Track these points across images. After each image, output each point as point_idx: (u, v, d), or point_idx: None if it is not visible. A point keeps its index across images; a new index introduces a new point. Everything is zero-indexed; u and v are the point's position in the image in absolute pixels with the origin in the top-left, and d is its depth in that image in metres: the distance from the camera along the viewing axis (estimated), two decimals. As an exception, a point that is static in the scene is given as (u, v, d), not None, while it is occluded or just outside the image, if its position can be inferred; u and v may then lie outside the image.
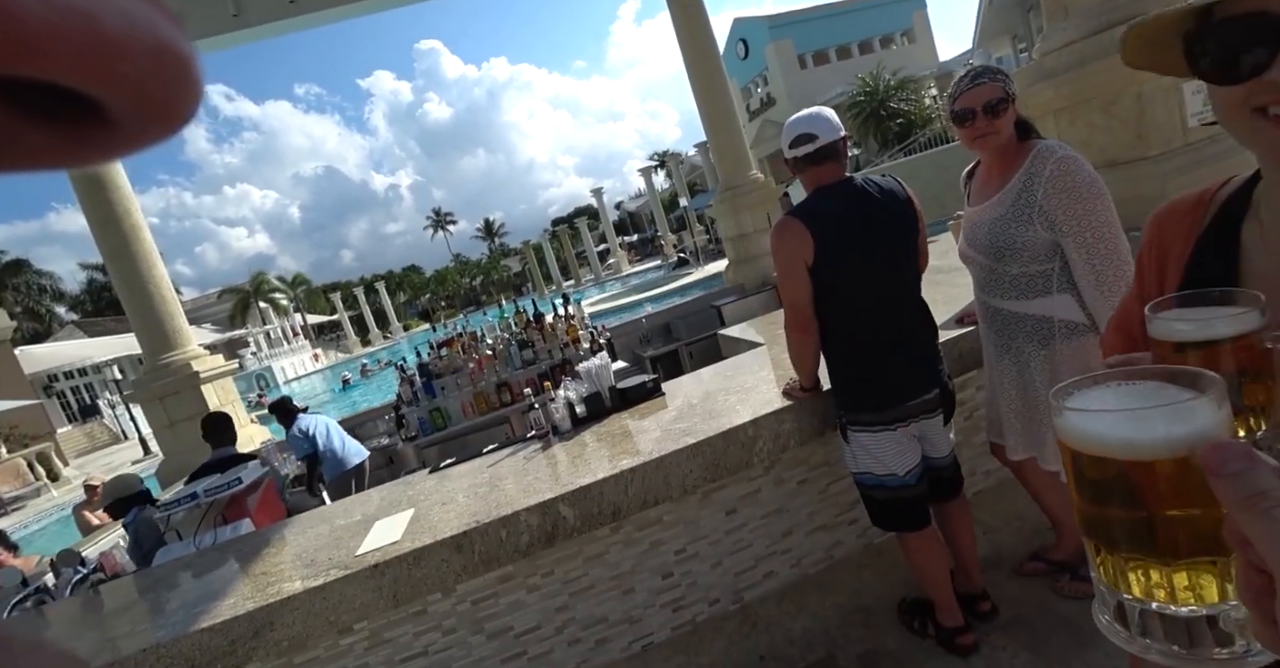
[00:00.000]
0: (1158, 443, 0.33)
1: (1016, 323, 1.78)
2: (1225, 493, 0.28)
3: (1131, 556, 0.37)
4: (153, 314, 7.12)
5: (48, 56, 0.10)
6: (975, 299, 1.95)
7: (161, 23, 0.11)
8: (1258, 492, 0.27)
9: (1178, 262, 0.68)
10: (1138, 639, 0.37)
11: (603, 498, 1.87)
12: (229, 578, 1.98)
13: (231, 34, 7.35)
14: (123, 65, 0.10)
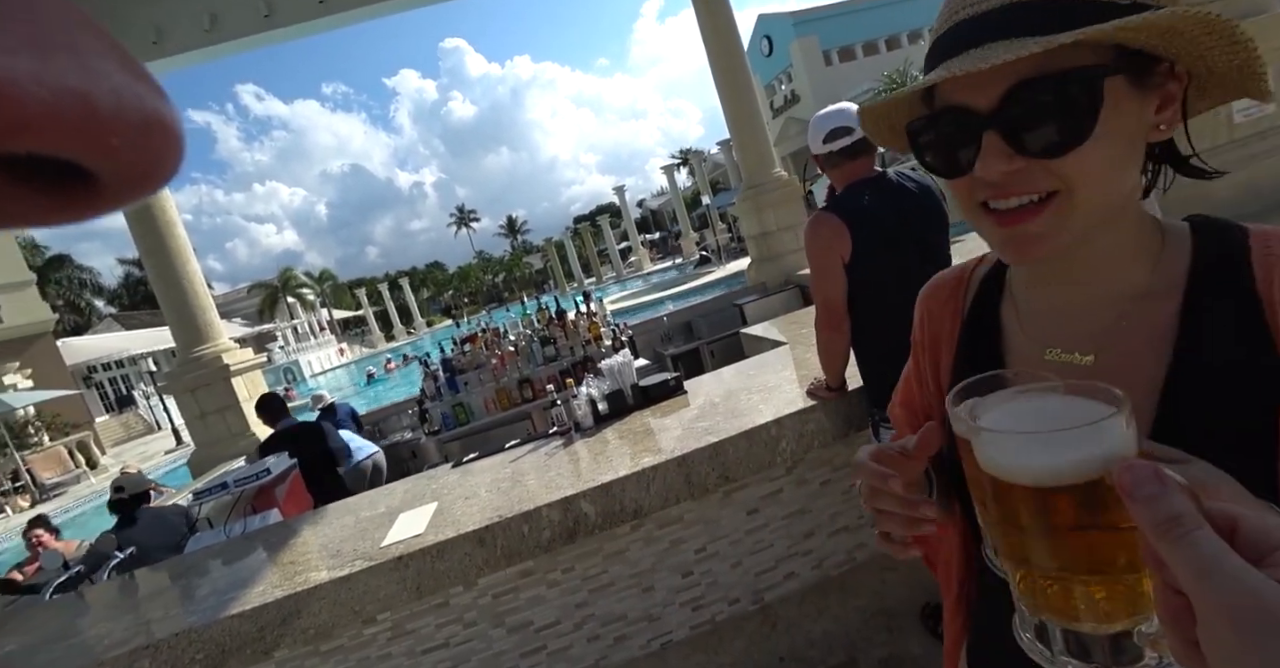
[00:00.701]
0: (1073, 467, 0.33)
1: None
2: (1139, 517, 0.29)
3: (1049, 575, 0.36)
4: (186, 308, 7.31)
5: (46, 133, 0.11)
6: None
7: (148, 95, 0.12)
8: (1170, 517, 0.28)
9: (949, 341, 0.68)
10: (1059, 658, 0.37)
11: (624, 495, 1.87)
12: (258, 567, 2.03)
13: (263, 34, 7.49)
14: (114, 139, 0.11)
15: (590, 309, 4.34)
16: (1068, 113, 0.47)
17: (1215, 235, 0.53)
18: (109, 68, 0.12)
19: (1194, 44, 0.46)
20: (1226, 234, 0.52)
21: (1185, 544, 0.27)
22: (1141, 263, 0.54)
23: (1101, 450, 0.32)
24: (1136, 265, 0.54)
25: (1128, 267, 0.55)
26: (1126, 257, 0.55)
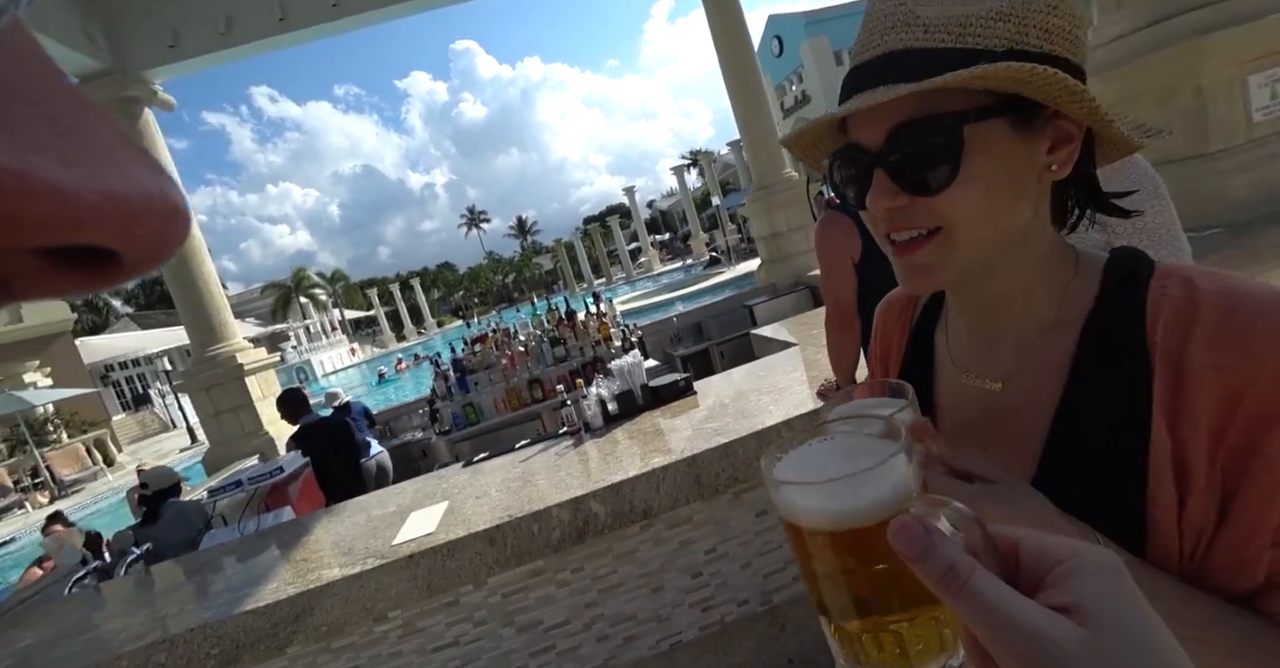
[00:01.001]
0: (866, 511, 0.33)
1: None
2: (919, 574, 0.29)
3: (860, 619, 0.36)
4: (201, 308, 7.40)
5: (93, 230, 0.13)
6: None
7: (167, 188, 0.15)
8: (946, 569, 0.28)
9: (896, 357, 0.72)
10: None
11: (634, 496, 1.87)
12: (271, 564, 2.05)
13: (277, 37, 7.57)
14: (141, 230, 0.14)
15: (600, 310, 4.35)
16: (935, 155, 0.50)
17: (1123, 270, 0.53)
18: (141, 172, 0.14)
19: (1043, 93, 0.48)
20: (1134, 269, 0.53)
21: (963, 597, 0.27)
22: (1049, 296, 0.56)
23: (891, 490, 0.33)
24: (1044, 298, 0.56)
25: (1035, 299, 0.57)
26: (1033, 290, 0.56)
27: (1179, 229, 1.52)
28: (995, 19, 0.49)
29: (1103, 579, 0.27)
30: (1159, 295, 0.49)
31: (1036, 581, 0.28)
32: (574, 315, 4.28)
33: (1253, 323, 0.44)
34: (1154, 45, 3.29)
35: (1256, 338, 0.44)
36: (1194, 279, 0.48)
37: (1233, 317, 0.45)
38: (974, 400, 0.61)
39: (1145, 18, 3.41)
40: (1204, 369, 0.45)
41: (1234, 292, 0.46)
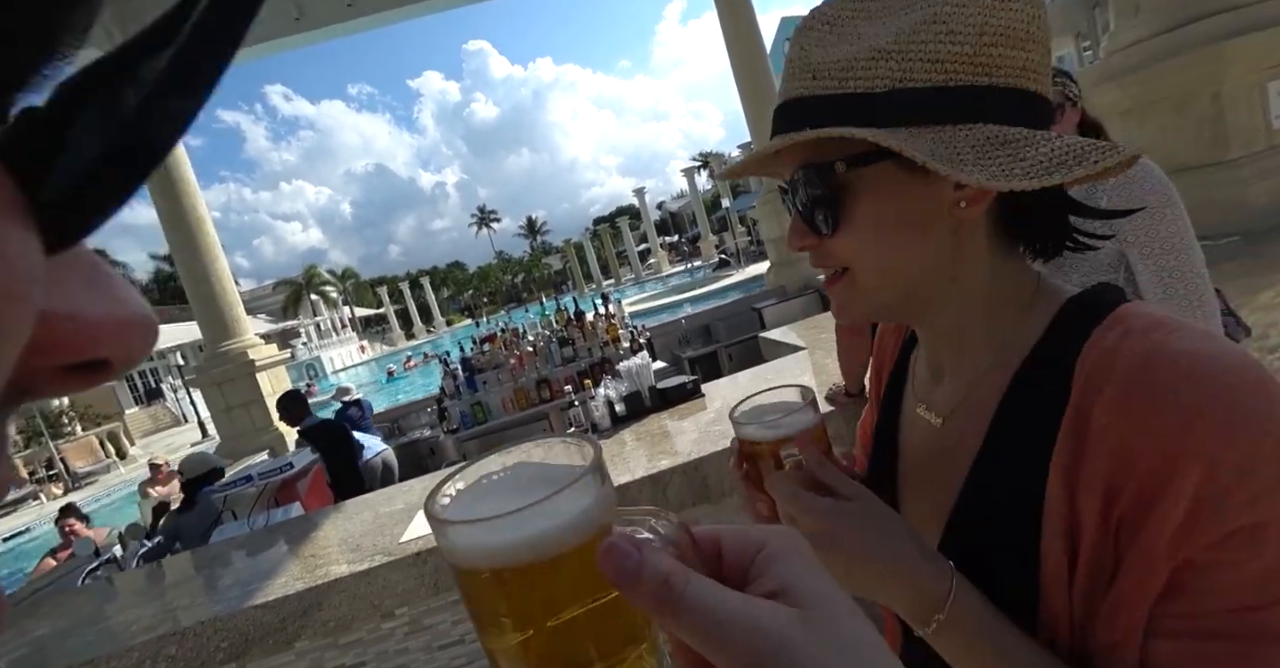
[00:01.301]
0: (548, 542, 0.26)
1: None
2: (632, 596, 0.25)
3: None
4: (214, 304, 7.47)
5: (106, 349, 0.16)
6: None
7: (148, 307, 0.18)
8: (661, 582, 0.24)
9: (887, 373, 0.73)
10: None
11: (640, 498, 1.88)
12: (280, 559, 2.07)
13: (293, 37, 7.64)
14: (135, 343, 0.17)
15: (609, 311, 4.36)
16: (820, 201, 0.51)
17: (1074, 313, 0.51)
18: (130, 294, 0.17)
19: (860, 148, 0.48)
20: (1087, 312, 0.49)
21: (682, 608, 0.24)
22: (990, 335, 0.54)
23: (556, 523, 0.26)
24: (984, 337, 0.55)
25: (975, 337, 0.55)
26: (972, 328, 0.55)
27: (1192, 237, 1.50)
28: (875, 59, 0.47)
29: (798, 558, 0.27)
30: (1093, 345, 0.46)
31: (743, 574, 0.28)
32: (583, 316, 4.29)
33: (1158, 390, 0.41)
34: (1171, 51, 3.25)
35: (1157, 407, 0.40)
36: (1133, 332, 0.45)
37: (1143, 379, 0.42)
38: (921, 433, 0.61)
39: (1163, 23, 3.37)
40: (1104, 431, 0.43)
41: (1157, 352, 0.42)
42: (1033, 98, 0.48)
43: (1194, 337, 0.43)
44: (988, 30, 0.46)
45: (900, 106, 0.47)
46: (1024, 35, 0.47)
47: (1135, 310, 0.47)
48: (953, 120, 0.47)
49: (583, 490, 0.27)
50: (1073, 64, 18.15)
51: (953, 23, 0.46)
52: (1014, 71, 0.47)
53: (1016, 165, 0.46)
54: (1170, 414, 0.40)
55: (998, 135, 0.46)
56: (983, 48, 0.46)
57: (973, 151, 0.46)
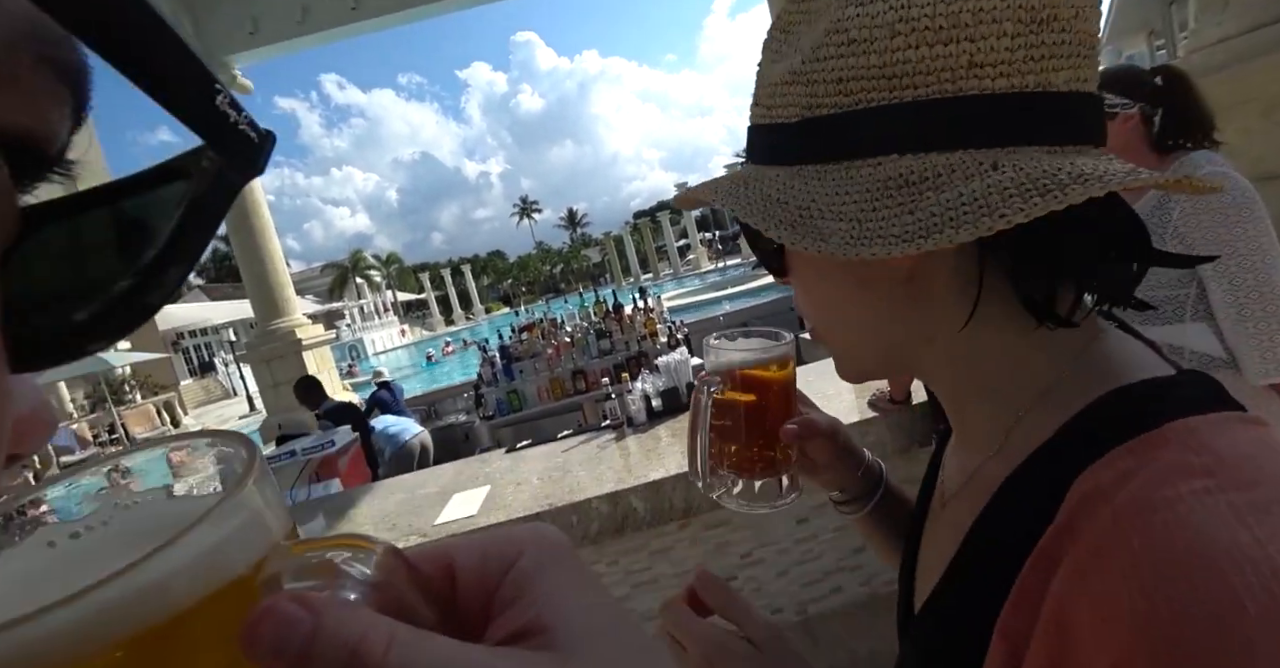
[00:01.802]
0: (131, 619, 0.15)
1: None
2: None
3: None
4: (265, 283, 7.74)
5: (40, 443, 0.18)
6: None
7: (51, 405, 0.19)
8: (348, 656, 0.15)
9: None
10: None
11: (674, 494, 1.86)
12: (319, 532, 2.12)
13: (349, 26, 7.83)
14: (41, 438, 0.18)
15: (647, 305, 4.34)
16: (763, 251, 0.47)
17: (1105, 416, 0.36)
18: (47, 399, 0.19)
19: None
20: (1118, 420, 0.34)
21: None
22: (993, 418, 0.42)
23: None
24: (987, 420, 0.43)
25: (975, 417, 0.45)
26: (968, 406, 0.45)
27: (1276, 252, 1.39)
28: (786, 83, 0.39)
29: (560, 573, 0.19)
30: (1092, 474, 0.33)
31: (488, 602, 0.19)
32: (621, 309, 4.29)
33: (1134, 587, 0.27)
34: (1260, 50, 3.04)
35: (1124, 610, 0.27)
36: (1153, 477, 0.30)
37: (1110, 547, 0.29)
38: (937, 502, 0.52)
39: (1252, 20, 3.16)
40: (1055, 607, 0.31)
41: (1164, 525, 0.28)
42: (991, 102, 0.35)
43: (1254, 510, 0.27)
44: (902, 29, 0.35)
45: (808, 139, 0.39)
46: (968, 18, 0.34)
47: (1196, 435, 0.31)
48: (862, 153, 0.37)
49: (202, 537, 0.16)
50: (1145, 62, 17.21)
51: (854, 29, 0.36)
52: (952, 74, 0.35)
53: (895, 222, 0.35)
54: (1138, 635, 0.26)
55: (905, 173, 0.36)
56: (894, 54, 0.35)
57: (859, 201, 0.36)
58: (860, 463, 0.64)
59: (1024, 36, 0.34)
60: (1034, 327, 0.39)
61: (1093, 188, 0.32)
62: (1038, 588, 0.32)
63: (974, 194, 0.33)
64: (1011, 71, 0.35)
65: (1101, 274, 0.40)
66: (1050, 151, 0.35)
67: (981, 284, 0.38)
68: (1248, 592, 0.24)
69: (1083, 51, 0.36)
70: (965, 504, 0.43)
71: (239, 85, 8.05)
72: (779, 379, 0.59)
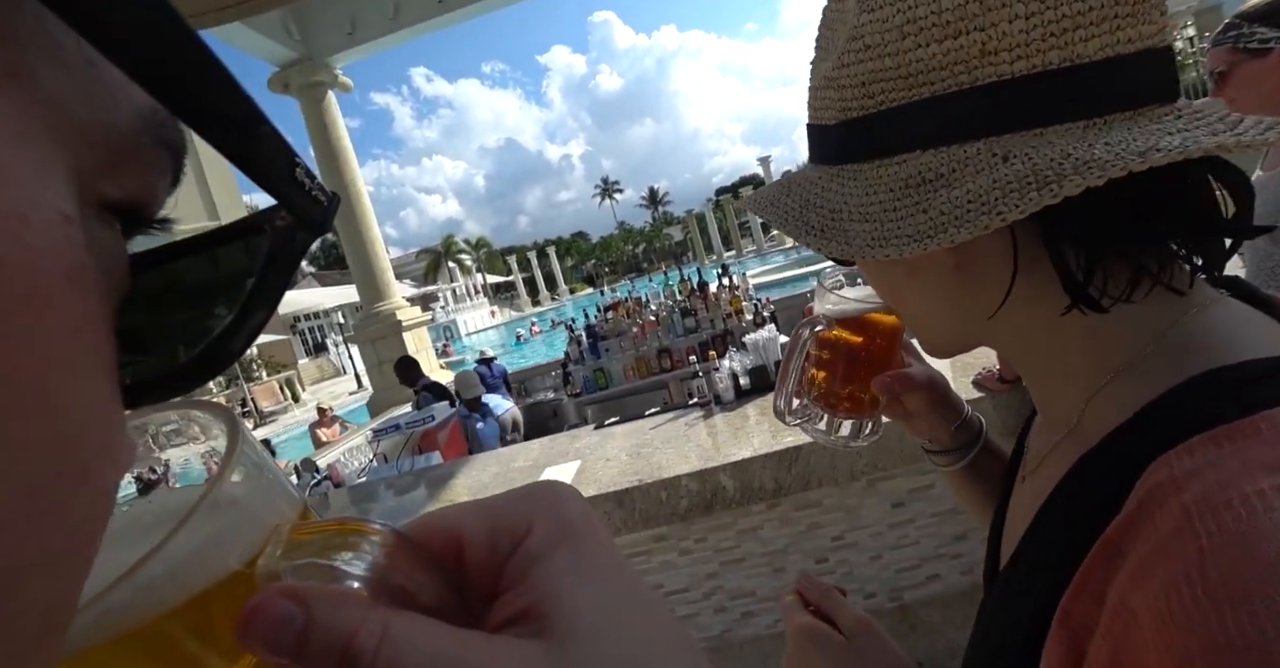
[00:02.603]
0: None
1: None
2: None
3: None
4: (368, 269, 8.29)
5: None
6: None
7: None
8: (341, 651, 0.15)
9: None
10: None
11: (764, 473, 1.83)
12: (420, 502, 2.27)
13: (437, 18, 8.10)
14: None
15: (732, 282, 4.27)
16: None
17: (1187, 403, 0.33)
18: None
19: None
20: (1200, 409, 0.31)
21: None
22: (1068, 396, 0.41)
23: None
24: (1061, 397, 0.42)
25: (1050, 394, 0.44)
26: (1043, 383, 0.44)
27: None
28: (821, 87, 0.40)
29: (569, 552, 0.18)
30: (1162, 465, 0.30)
31: (495, 579, 0.19)
32: (706, 287, 4.24)
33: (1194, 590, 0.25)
34: None
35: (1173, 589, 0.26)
36: (1223, 473, 0.28)
37: (1177, 546, 0.27)
38: (1020, 475, 0.51)
39: None
40: (1118, 604, 0.29)
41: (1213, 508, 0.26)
42: (1010, 88, 0.34)
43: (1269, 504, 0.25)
44: (910, 30, 0.35)
45: (844, 140, 0.40)
46: (976, 8, 0.33)
47: (1275, 429, 0.28)
48: (888, 152, 0.38)
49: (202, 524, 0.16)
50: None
51: (868, 35, 0.36)
52: (966, 66, 0.34)
53: (909, 222, 0.36)
54: (1196, 641, 0.24)
55: (923, 171, 0.36)
56: (906, 54, 0.35)
57: (883, 201, 0.37)
58: (958, 416, 0.62)
59: (1039, 14, 0.33)
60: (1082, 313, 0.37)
61: (1091, 177, 0.30)
62: (1102, 579, 0.31)
63: (979, 190, 0.34)
64: (1030, 52, 0.33)
65: (1162, 248, 0.36)
66: (1090, 125, 0.33)
67: (1016, 266, 0.37)
68: None
69: (1122, 12, 0.33)
70: (1042, 481, 0.42)
71: (340, 84, 8.56)
72: (883, 326, 0.58)
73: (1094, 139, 0.32)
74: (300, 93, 8.14)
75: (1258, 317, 0.37)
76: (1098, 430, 0.37)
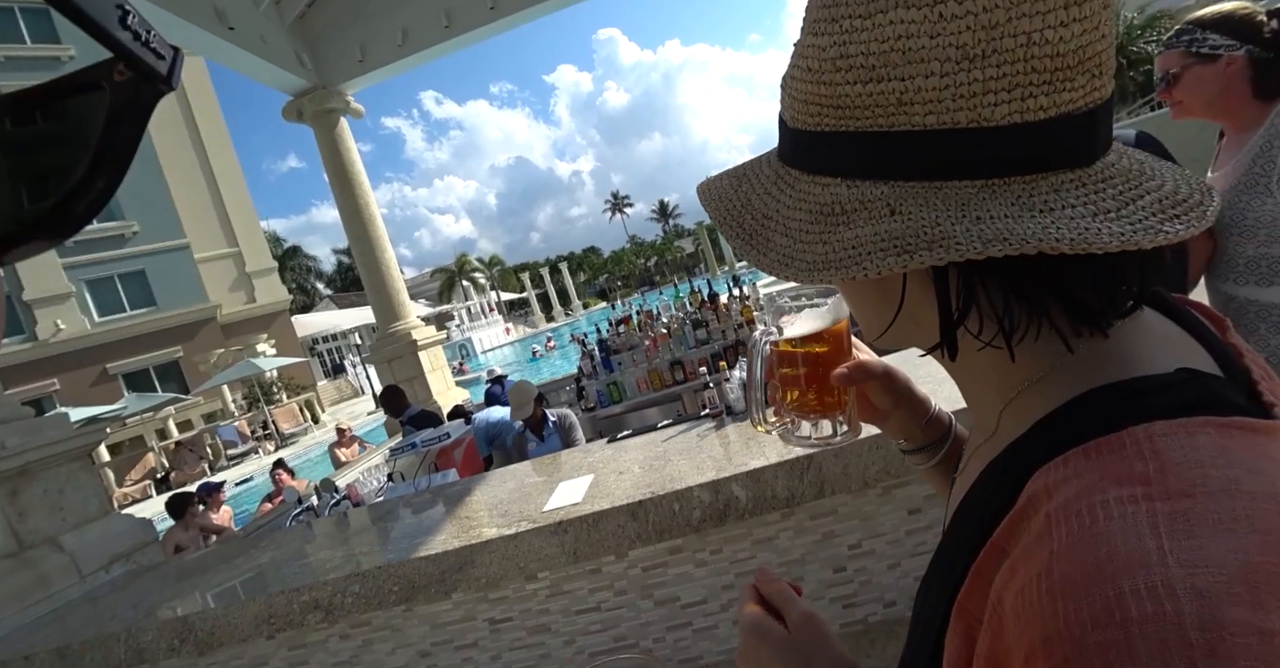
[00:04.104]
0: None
1: (1256, 313, 1.43)
2: None
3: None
4: (384, 290, 8.40)
5: None
6: (1205, 285, 1.58)
7: None
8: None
9: None
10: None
11: (776, 482, 1.83)
12: (439, 518, 2.29)
13: (444, 43, 8.27)
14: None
15: (743, 293, 4.28)
16: None
17: (1077, 416, 0.35)
18: None
19: None
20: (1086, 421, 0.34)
21: None
22: (993, 402, 0.43)
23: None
24: (987, 402, 0.44)
25: (977, 398, 0.46)
26: (972, 386, 0.46)
27: None
28: (783, 84, 0.42)
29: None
30: (1043, 474, 0.33)
31: None
32: (716, 298, 4.26)
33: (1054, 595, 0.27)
34: None
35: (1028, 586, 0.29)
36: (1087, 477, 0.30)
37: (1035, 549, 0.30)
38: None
39: None
40: (994, 598, 0.32)
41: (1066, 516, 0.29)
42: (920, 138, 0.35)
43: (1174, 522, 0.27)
44: (841, 65, 0.36)
45: (792, 145, 0.42)
46: (898, 59, 0.34)
47: (1151, 444, 0.30)
48: (819, 171, 0.40)
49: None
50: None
51: (810, 59, 0.38)
52: (884, 111, 0.35)
53: (810, 250, 0.38)
54: (1039, 629, 0.27)
55: (836, 201, 0.38)
56: (836, 87, 0.36)
57: (803, 219, 0.40)
58: (927, 411, 0.65)
59: (953, 75, 0.33)
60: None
61: (935, 254, 0.33)
62: (989, 578, 0.33)
63: (858, 240, 0.36)
64: (940, 109, 0.34)
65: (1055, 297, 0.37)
66: (986, 185, 0.35)
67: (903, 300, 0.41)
68: (1134, 597, 0.25)
69: (1038, 79, 0.33)
70: (964, 482, 0.46)
71: (352, 110, 8.76)
72: (830, 329, 0.62)
73: (981, 203, 0.34)
74: (314, 120, 8.34)
75: (1161, 329, 0.39)
76: (1006, 439, 0.40)
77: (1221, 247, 1.47)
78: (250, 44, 7.09)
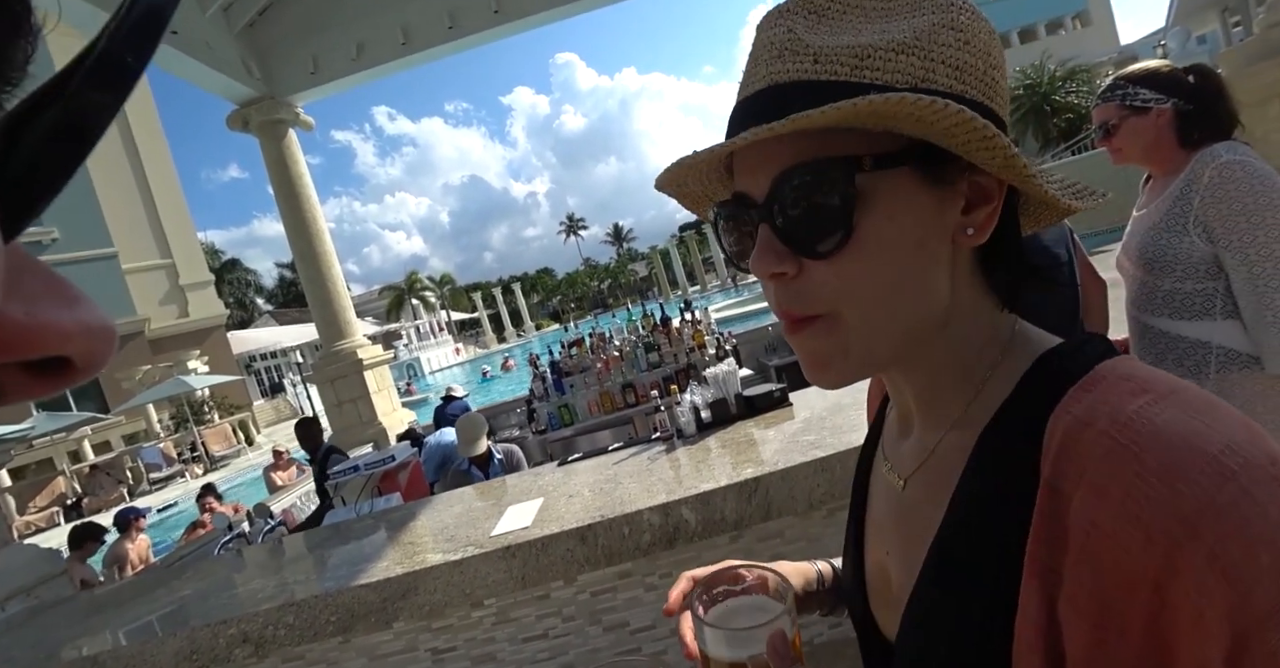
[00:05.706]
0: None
1: (1168, 344, 1.57)
2: None
3: None
4: (329, 307, 8.13)
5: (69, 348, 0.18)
6: (1126, 314, 1.73)
7: (103, 312, 0.20)
8: None
9: (872, 419, 0.67)
10: None
11: (725, 505, 1.85)
12: (381, 544, 2.21)
13: (400, 60, 8.23)
14: (97, 347, 0.19)
15: (695, 317, 4.35)
16: (824, 210, 0.41)
17: (1046, 370, 0.43)
18: (93, 306, 0.19)
19: (950, 136, 0.39)
20: (1059, 371, 0.42)
21: None
22: (960, 391, 0.47)
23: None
24: (954, 393, 0.47)
25: (944, 393, 0.48)
26: (943, 383, 0.48)
27: None
28: (897, 51, 0.41)
29: None
30: (1064, 410, 0.38)
31: None
32: (669, 322, 4.31)
33: (1147, 481, 0.32)
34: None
35: (1152, 505, 0.32)
36: (1112, 398, 0.37)
37: (1126, 466, 0.34)
38: (886, 493, 0.55)
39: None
40: (1089, 534, 0.34)
41: (1140, 427, 0.34)
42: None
43: (1190, 406, 0.35)
44: (994, 56, 0.44)
45: None
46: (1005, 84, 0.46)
47: (1118, 370, 0.39)
48: None
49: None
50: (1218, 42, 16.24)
51: (969, 33, 0.43)
52: (1000, 101, 0.45)
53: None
54: (1170, 515, 0.31)
55: None
56: (990, 68, 0.43)
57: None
58: (820, 604, 0.71)
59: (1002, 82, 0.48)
60: (992, 308, 0.47)
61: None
62: (1050, 515, 0.36)
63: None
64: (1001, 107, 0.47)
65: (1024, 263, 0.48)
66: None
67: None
68: (1226, 456, 0.32)
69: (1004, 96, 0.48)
70: (933, 476, 0.48)
71: (302, 122, 8.56)
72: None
73: None
74: (260, 131, 8.11)
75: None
76: (985, 414, 0.45)
77: (1143, 280, 1.60)
78: (194, 50, 6.86)
